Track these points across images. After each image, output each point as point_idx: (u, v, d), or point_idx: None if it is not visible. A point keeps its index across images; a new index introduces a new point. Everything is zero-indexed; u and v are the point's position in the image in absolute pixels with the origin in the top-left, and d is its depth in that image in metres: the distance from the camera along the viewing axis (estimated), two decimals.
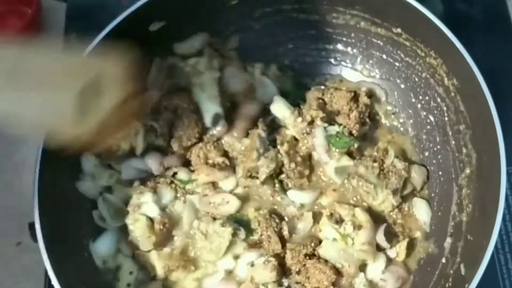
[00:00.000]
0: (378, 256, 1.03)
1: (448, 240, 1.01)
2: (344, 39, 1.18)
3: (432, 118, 1.12)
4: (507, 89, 1.16)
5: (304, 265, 1.01)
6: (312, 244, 1.03)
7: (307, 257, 1.01)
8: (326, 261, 1.01)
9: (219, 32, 1.17)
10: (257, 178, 1.07)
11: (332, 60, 1.22)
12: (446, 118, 1.07)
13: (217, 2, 1.13)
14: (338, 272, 1.00)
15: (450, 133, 1.07)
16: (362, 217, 1.03)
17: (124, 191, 1.09)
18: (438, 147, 1.10)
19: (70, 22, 1.32)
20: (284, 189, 1.09)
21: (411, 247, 1.06)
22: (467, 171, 1.01)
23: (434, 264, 1.02)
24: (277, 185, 1.09)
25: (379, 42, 1.14)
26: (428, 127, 1.13)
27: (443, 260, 1.00)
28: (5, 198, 1.19)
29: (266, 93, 1.16)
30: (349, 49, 1.20)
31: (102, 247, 1.05)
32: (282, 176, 1.10)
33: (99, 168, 1.09)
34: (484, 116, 0.92)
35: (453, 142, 1.06)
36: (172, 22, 1.09)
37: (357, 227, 1.02)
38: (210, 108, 1.11)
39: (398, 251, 1.04)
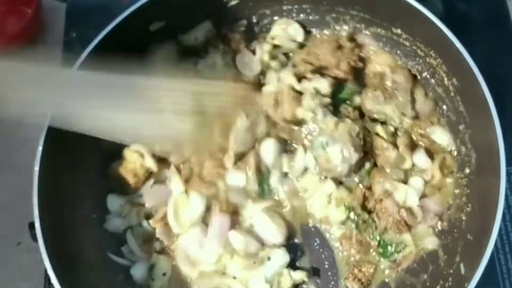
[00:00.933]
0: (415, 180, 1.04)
1: (448, 239, 1.01)
2: None
3: None
4: (507, 89, 1.16)
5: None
6: None
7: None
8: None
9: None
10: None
11: None
12: (446, 118, 1.07)
13: (218, 3, 1.13)
14: None
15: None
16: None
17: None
18: None
19: (70, 22, 1.32)
20: None
21: (444, 166, 1.05)
22: (467, 171, 1.01)
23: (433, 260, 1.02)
24: None
25: (379, 42, 1.14)
26: None
27: (443, 260, 1.00)
28: (5, 198, 1.19)
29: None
30: None
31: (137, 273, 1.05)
32: None
33: (126, 207, 1.07)
34: (484, 116, 0.92)
35: None
36: (174, 20, 1.10)
37: None
38: None
39: (433, 171, 1.03)
